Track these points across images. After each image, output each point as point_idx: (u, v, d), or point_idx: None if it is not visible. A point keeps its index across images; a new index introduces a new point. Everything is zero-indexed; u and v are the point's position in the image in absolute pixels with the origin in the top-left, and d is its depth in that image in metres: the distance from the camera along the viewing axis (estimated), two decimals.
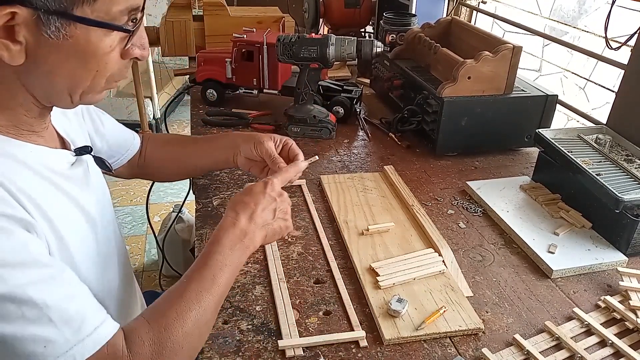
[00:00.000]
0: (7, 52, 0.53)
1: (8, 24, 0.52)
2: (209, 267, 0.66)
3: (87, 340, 0.54)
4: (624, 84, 1.11)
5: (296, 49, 1.20)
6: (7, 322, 0.50)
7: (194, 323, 0.61)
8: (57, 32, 0.54)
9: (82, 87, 0.60)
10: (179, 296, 0.63)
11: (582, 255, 0.88)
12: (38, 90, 0.60)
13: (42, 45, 0.54)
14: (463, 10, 2.04)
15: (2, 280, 0.50)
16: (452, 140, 1.21)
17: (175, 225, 2.00)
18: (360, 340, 0.70)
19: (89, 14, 0.54)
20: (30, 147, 0.62)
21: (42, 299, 0.52)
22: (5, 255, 0.51)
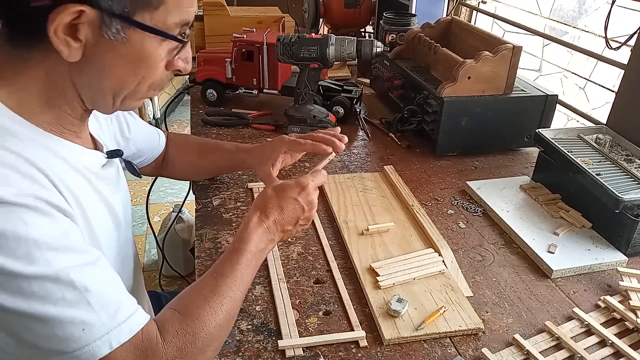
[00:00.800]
0: (66, 49, 0.55)
1: (73, 22, 0.54)
2: (239, 264, 0.68)
3: (123, 325, 0.56)
4: (624, 84, 1.11)
5: (296, 49, 1.20)
6: (48, 303, 0.52)
7: (225, 316, 0.63)
8: (117, 34, 0.56)
9: (127, 91, 0.63)
10: (212, 290, 0.64)
11: (582, 255, 0.88)
12: (86, 91, 0.62)
13: (100, 45, 0.57)
14: (463, 10, 2.04)
15: (47, 263, 0.52)
16: (452, 140, 1.21)
17: (175, 225, 2.00)
18: (360, 340, 0.70)
19: (147, 20, 0.57)
20: (69, 145, 0.65)
21: (82, 283, 0.54)
22: (50, 239, 0.53)
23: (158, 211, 2.63)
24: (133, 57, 0.59)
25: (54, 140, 0.63)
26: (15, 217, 0.51)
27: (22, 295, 0.51)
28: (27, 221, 0.52)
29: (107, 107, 0.65)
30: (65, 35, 0.55)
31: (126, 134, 0.92)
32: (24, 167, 0.55)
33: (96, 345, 0.54)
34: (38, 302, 0.52)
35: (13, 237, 0.51)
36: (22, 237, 0.51)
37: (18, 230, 0.51)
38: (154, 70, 0.62)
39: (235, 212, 0.98)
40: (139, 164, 1.00)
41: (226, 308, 0.64)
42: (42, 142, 0.61)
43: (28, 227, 0.52)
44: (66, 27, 0.54)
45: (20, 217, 0.52)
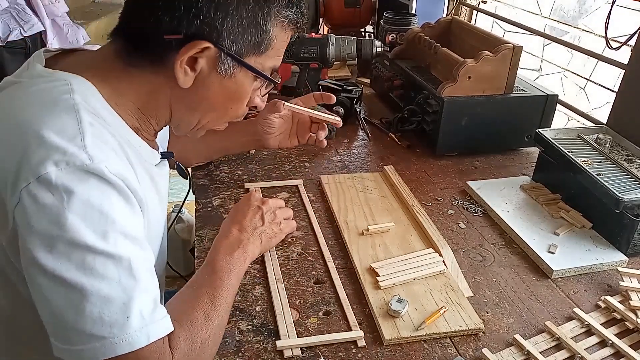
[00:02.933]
0: (183, 76, 0.62)
1: (196, 54, 0.61)
2: (215, 272, 0.70)
3: (159, 323, 0.57)
4: (624, 84, 1.11)
5: (296, 49, 1.20)
6: (105, 282, 0.53)
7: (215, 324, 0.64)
8: (228, 70, 0.64)
9: (211, 120, 0.70)
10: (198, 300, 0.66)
11: (582, 255, 0.88)
12: (178, 112, 0.69)
13: (211, 77, 0.64)
14: (463, 10, 2.04)
15: (115, 244, 0.54)
16: (452, 140, 1.21)
17: (175, 225, 2.00)
18: (359, 340, 0.70)
19: (252, 62, 0.65)
20: (140, 141, 0.69)
21: (138, 272, 0.56)
22: (125, 224, 0.56)
23: None
24: (233, 92, 0.67)
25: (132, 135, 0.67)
26: (106, 194, 0.55)
27: (83, 268, 0.53)
28: (113, 201, 0.55)
29: (186, 131, 0.72)
30: (186, 64, 0.61)
31: None
32: (118, 150, 0.60)
33: (135, 335, 0.54)
34: (96, 278, 0.53)
35: (98, 211, 0.54)
36: (105, 212, 0.54)
37: (104, 205, 0.54)
38: (242, 105, 0.70)
39: None
40: None
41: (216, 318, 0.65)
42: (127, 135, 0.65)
43: (113, 206, 0.55)
44: (190, 60, 0.61)
45: (110, 195, 0.55)
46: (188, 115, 0.69)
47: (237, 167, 1.14)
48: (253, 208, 0.82)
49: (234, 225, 0.79)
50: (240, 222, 0.80)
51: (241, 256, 0.74)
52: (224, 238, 0.77)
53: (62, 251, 0.52)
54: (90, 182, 0.54)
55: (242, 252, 0.75)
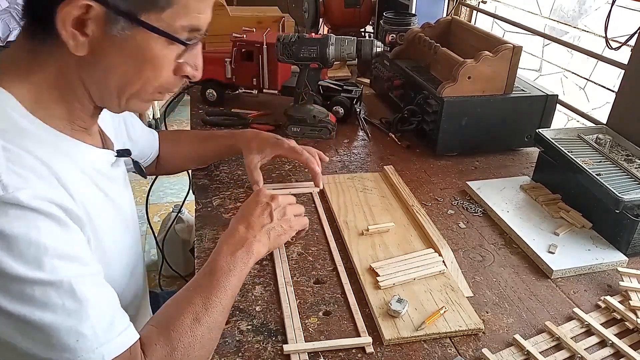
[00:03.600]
0: (73, 42, 0.57)
1: (81, 16, 0.56)
2: (213, 273, 0.69)
3: (116, 340, 0.56)
4: (624, 84, 1.11)
5: (296, 49, 1.19)
6: (48, 310, 0.53)
7: (205, 327, 0.64)
8: (122, 32, 0.58)
9: (131, 90, 0.64)
10: (188, 303, 0.65)
11: (582, 255, 0.88)
12: (94, 87, 0.64)
13: (106, 41, 0.58)
14: (463, 10, 2.04)
15: (53, 269, 0.53)
16: (452, 140, 1.21)
17: (175, 225, 2.00)
18: (367, 347, 0.70)
19: (153, 21, 0.59)
20: (80, 145, 0.66)
21: (83, 294, 0.55)
22: (60, 246, 0.54)
23: (158, 211, 2.63)
24: (138, 56, 0.61)
25: (66, 141, 0.64)
26: (30, 222, 0.52)
27: (23, 299, 0.52)
28: (40, 226, 0.53)
29: (114, 106, 0.66)
30: (73, 28, 0.56)
31: (132, 135, 0.94)
32: (40, 169, 0.57)
33: (88, 357, 0.54)
34: (38, 308, 0.52)
35: (24, 241, 0.52)
36: (33, 241, 0.52)
37: (30, 234, 0.52)
38: (160, 72, 0.63)
39: (235, 212, 0.98)
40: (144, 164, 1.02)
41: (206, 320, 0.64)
42: (55, 143, 0.62)
43: (40, 233, 0.53)
44: (74, 21, 0.56)
45: (34, 222, 0.53)
46: (103, 88, 0.64)
47: (237, 167, 1.14)
48: (261, 204, 0.81)
49: (241, 223, 0.78)
50: (248, 219, 0.78)
51: (244, 256, 0.73)
52: (229, 236, 0.76)
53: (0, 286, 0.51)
54: (10, 213, 0.51)
55: (246, 252, 0.74)
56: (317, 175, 1.02)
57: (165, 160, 1.09)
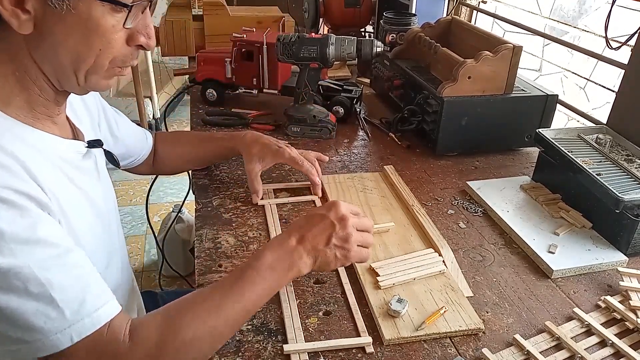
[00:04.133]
0: (16, 20, 0.56)
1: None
2: (240, 279, 0.66)
3: (86, 319, 0.57)
4: (624, 83, 1.11)
5: (296, 49, 1.19)
6: (12, 294, 0.53)
7: (208, 330, 0.62)
8: (61, 3, 0.56)
9: (86, 65, 0.62)
10: (202, 300, 0.64)
11: (582, 255, 0.88)
12: (47, 67, 0.62)
13: (48, 16, 0.57)
14: (463, 10, 2.04)
15: (12, 255, 0.53)
16: (452, 140, 1.21)
17: (175, 225, 2.00)
18: (367, 347, 0.70)
19: None
20: (45, 136, 0.65)
21: (46, 278, 0.55)
22: (18, 231, 0.54)
23: (158, 211, 2.63)
24: (83, 26, 0.59)
25: (29, 132, 0.63)
26: None
27: None
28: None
29: (73, 85, 0.65)
30: (12, 6, 0.55)
31: (115, 133, 0.94)
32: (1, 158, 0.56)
33: (57, 338, 0.55)
34: (2, 292, 0.53)
35: None
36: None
37: None
38: (109, 42, 0.62)
39: (235, 212, 0.98)
40: (129, 164, 1.03)
41: (211, 322, 0.62)
42: (18, 133, 0.61)
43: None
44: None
45: None
46: (57, 67, 0.62)
47: (237, 167, 1.14)
48: (326, 223, 0.71)
49: (294, 234, 0.70)
50: (304, 233, 0.70)
51: (282, 272, 0.68)
52: (277, 245, 0.70)
53: None
54: None
55: (285, 268, 0.68)
56: (317, 187, 1.03)
57: (164, 161, 1.10)
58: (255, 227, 0.94)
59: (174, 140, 1.11)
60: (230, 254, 0.86)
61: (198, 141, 1.09)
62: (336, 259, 0.72)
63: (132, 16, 0.61)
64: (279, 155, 1.00)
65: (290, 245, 0.69)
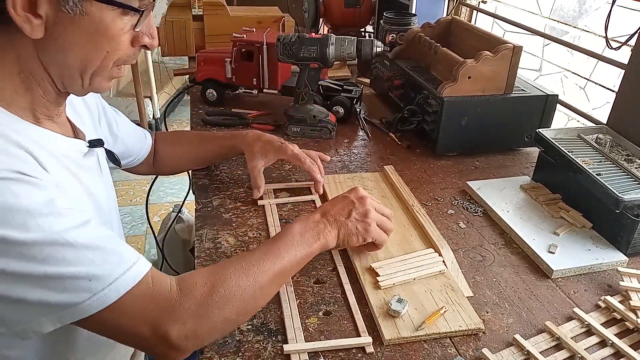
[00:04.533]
0: (29, 26, 0.57)
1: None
2: (275, 241, 0.72)
3: (127, 273, 0.59)
4: (624, 84, 1.11)
5: (296, 49, 1.19)
6: (50, 264, 0.55)
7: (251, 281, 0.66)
8: (75, 8, 0.58)
9: (93, 67, 0.64)
10: (242, 257, 0.69)
11: (582, 255, 0.88)
12: (54, 69, 0.64)
13: (60, 20, 0.58)
14: (463, 10, 2.04)
15: (41, 229, 0.54)
16: (452, 140, 1.21)
17: (175, 225, 2.00)
18: (367, 347, 0.70)
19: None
20: (47, 133, 0.66)
21: (79, 242, 0.57)
22: (40, 205, 0.55)
23: (158, 211, 2.63)
24: (93, 30, 0.61)
25: (31, 128, 0.64)
26: (4, 190, 0.53)
27: (25, 259, 0.54)
28: (15, 192, 0.54)
29: (77, 87, 0.66)
30: (25, 12, 0.56)
31: (115, 132, 0.95)
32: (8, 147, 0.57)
33: (104, 293, 0.57)
34: (41, 264, 0.54)
35: (5, 209, 0.53)
36: (13, 207, 0.53)
37: (8, 202, 0.53)
38: (117, 44, 0.63)
39: (235, 212, 0.98)
40: (129, 163, 1.03)
41: (253, 273, 0.66)
42: (21, 129, 0.62)
43: (17, 197, 0.54)
44: (25, 4, 0.56)
45: (8, 189, 0.54)
46: (64, 69, 0.64)
47: (237, 167, 1.14)
48: (346, 201, 0.81)
49: (319, 211, 0.80)
50: (327, 209, 0.80)
51: (310, 238, 0.75)
52: (304, 218, 0.78)
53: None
54: None
55: (314, 236, 0.75)
56: (319, 184, 1.03)
57: (164, 161, 1.10)
58: (255, 227, 0.94)
59: (174, 140, 1.11)
60: (230, 254, 0.86)
61: (198, 141, 1.09)
62: (357, 231, 0.79)
63: (142, 19, 0.64)
64: (281, 151, 1.01)
65: (315, 218, 0.78)
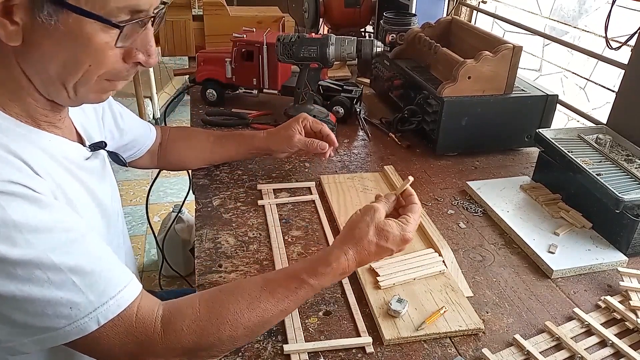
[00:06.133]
0: (4, 31, 0.55)
1: (7, 3, 0.53)
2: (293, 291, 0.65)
3: (110, 302, 0.57)
4: (624, 84, 1.11)
5: (296, 49, 1.19)
6: (34, 285, 0.53)
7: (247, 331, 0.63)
8: (49, 18, 0.54)
9: (74, 79, 0.60)
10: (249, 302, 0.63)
11: (582, 255, 0.88)
12: (36, 78, 0.61)
13: (37, 29, 0.55)
14: (463, 10, 2.04)
15: (29, 245, 0.53)
16: (452, 140, 1.21)
17: (175, 225, 2.00)
18: (367, 347, 0.70)
19: (82, 4, 0.54)
20: (49, 136, 0.65)
21: (66, 264, 0.55)
22: (30, 220, 0.53)
23: (158, 211, 2.63)
24: (72, 42, 0.57)
25: (32, 131, 0.63)
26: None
27: (9, 278, 0.52)
28: (4, 205, 0.52)
29: (62, 97, 0.63)
30: (0, 17, 0.54)
31: (120, 125, 0.94)
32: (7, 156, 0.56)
33: (84, 322, 0.55)
34: (25, 284, 0.53)
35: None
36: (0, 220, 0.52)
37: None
38: (102, 58, 0.59)
39: (235, 212, 0.98)
40: (132, 155, 1.02)
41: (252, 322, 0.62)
42: (20, 132, 0.61)
43: (6, 211, 0.52)
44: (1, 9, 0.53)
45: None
46: (45, 79, 0.60)
47: (237, 167, 1.14)
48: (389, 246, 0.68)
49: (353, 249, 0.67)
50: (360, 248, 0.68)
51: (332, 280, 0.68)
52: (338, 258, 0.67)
53: None
54: None
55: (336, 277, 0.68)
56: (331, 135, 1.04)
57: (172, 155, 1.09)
58: (255, 227, 0.94)
59: (185, 135, 1.11)
60: (230, 254, 0.87)
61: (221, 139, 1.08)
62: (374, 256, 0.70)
63: (123, 36, 0.59)
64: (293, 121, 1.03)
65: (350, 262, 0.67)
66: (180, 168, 1.15)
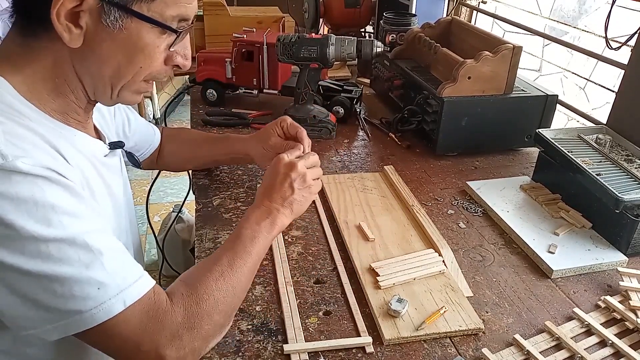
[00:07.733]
0: (68, 34, 0.59)
1: (75, 9, 0.58)
2: (239, 237, 0.72)
3: (134, 286, 0.60)
4: (624, 84, 1.11)
5: (296, 49, 1.20)
6: (65, 264, 0.55)
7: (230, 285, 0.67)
8: (115, 22, 0.60)
9: (124, 81, 0.66)
10: (215, 262, 0.69)
11: (582, 255, 0.88)
12: (87, 78, 0.65)
13: (100, 33, 0.60)
14: (463, 10, 2.04)
15: (62, 227, 0.55)
16: (452, 140, 1.21)
17: (175, 225, 2.00)
18: (367, 347, 0.70)
19: (145, 11, 0.61)
20: (74, 132, 0.68)
21: (96, 246, 0.57)
22: (65, 204, 0.56)
23: (158, 211, 2.63)
24: (131, 46, 0.62)
25: (62, 127, 0.66)
26: (33, 185, 0.55)
27: (40, 257, 0.54)
28: (43, 188, 0.55)
29: (107, 98, 0.68)
30: (67, 21, 0.58)
31: (127, 132, 0.96)
32: (39, 143, 0.59)
33: (111, 303, 0.57)
34: (56, 263, 0.55)
35: (32, 202, 0.54)
36: (39, 201, 0.54)
37: (35, 195, 0.54)
38: (152, 61, 0.65)
39: (235, 212, 0.98)
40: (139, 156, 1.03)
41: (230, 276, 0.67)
42: (51, 126, 0.64)
43: (45, 193, 0.55)
44: (68, 14, 0.58)
45: (37, 184, 0.55)
46: (97, 79, 0.65)
47: (237, 167, 1.14)
48: (281, 175, 0.80)
49: (264, 197, 0.79)
50: (270, 193, 0.79)
51: (268, 226, 0.75)
52: (255, 208, 0.77)
53: (15, 247, 0.54)
54: (12, 178, 0.54)
55: (270, 223, 0.75)
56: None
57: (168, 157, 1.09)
58: None
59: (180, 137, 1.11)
60: None
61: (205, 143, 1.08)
62: (304, 198, 0.81)
63: (179, 40, 0.66)
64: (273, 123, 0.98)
65: (266, 207, 0.77)
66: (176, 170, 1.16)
